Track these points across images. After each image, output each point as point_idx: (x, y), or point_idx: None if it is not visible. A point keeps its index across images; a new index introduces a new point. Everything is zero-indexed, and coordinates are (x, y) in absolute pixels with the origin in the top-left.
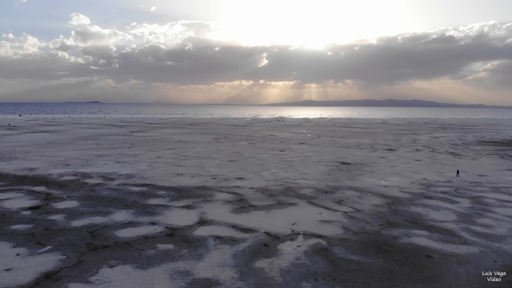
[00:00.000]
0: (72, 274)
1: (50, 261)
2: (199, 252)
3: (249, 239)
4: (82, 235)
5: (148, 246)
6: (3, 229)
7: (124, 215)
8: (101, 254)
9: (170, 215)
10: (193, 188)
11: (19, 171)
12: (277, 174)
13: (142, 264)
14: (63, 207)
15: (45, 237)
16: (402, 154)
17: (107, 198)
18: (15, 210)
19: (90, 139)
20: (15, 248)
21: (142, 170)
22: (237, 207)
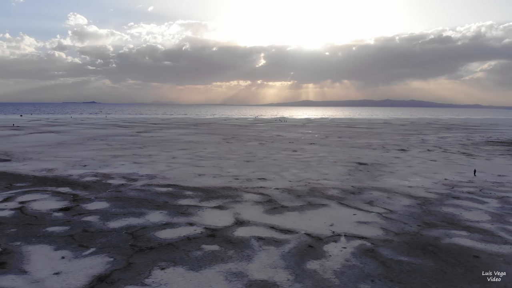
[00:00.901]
0: (125, 276)
1: (98, 263)
2: (246, 253)
3: (292, 240)
4: (123, 236)
5: (193, 247)
6: (39, 231)
7: (159, 216)
8: (148, 256)
9: (204, 216)
10: (219, 189)
11: (37, 171)
12: (298, 175)
13: (193, 265)
14: (94, 208)
15: (85, 239)
16: (416, 155)
17: (136, 199)
18: (46, 212)
19: (99, 139)
20: (57, 251)
21: (161, 171)
22: (269, 208)
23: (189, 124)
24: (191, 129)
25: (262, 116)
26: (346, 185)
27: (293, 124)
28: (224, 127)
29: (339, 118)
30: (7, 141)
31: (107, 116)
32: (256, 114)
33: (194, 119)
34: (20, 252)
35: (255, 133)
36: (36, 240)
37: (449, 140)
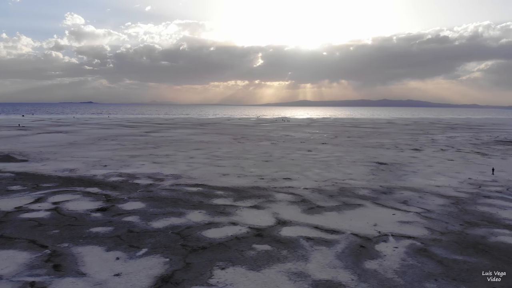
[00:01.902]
0: (188, 277)
1: (156, 264)
2: (300, 253)
3: (341, 241)
4: (171, 236)
5: (245, 247)
6: (83, 232)
7: (200, 216)
8: (203, 256)
9: (244, 216)
10: (248, 189)
11: (59, 172)
12: (321, 175)
13: (252, 265)
14: (131, 209)
15: (133, 239)
16: (431, 154)
17: (170, 199)
18: (83, 212)
19: (110, 139)
20: (109, 252)
21: (184, 171)
22: (305, 208)
23: (194, 124)
24: (198, 129)
25: (264, 116)
26: (374, 185)
27: (298, 124)
28: (230, 127)
29: (341, 118)
30: (18, 141)
31: (110, 116)
32: (257, 114)
33: (197, 119)
34: (71, 253)
35: (263, 133)
36: (83, 241)
37: (459, 139)
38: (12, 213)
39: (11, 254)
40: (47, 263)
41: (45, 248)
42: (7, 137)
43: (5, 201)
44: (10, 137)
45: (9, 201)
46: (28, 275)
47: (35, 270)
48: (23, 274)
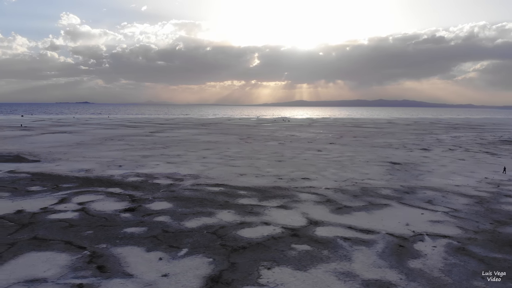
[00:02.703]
0: (237, 277)
1: (201, 264)
2: (342, 253)
3: (378, 240)
4: (207, 236)
5: (284, 247)
6: (118, 232)
7: (230, 215)
8: (246, 256)
9: (274, 215)
10: (270, 188)
11: (75, 172)
12: (339, 175)
13: (297, 265)
14: (159, 208)
15: (171, 239)
16: (441, 154)
17: (195, 199)
18: (112, 213)
19: (116, 139)
20: (150, 252)
21: (201, 171)
22: (333, 207)
23: (196, 124)
24: (201, 129)
25: (263, 116)
26: (395, 184)
27: (299, 124)
28: (233, 127)
29: (341, 118)
30: (24, 142)
31: (110, 117)
32: (257, 114)
33: (198, 120)
34: (112, 254)
35: (267, 133)
36: (121, 242)
37: (464, 139)
38: (39, 214)
39: (50, 256)
40: (90, 265)
41: (83, 249)
42: (12, 137)
43: (28, 202)
44: (15, 138)
45: (32, 202)
46: (74, 277)
47: (79, 271)
48: (68, 276)
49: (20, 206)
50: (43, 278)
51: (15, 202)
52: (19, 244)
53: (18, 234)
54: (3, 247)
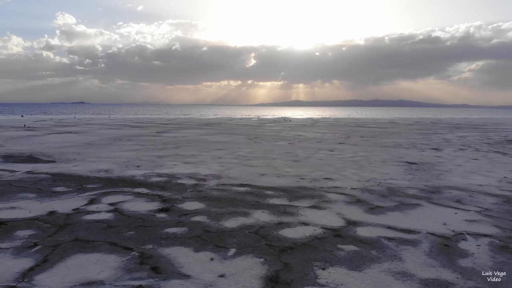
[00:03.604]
0: (294, 277)
1: (254, 264)
2: (390, 253)
3: (422, 240)
4: (250, 236)
5: (331, 247)
6: (159, 233)
7: (265, 216)
8: (295, 256)
9: (310, 216)
10: (296, 189)
11: (95, 172)
12: (359, 175)
13: (350, 265)
14: (193, 208)
15: (215, 239)
16: (453, 154)
17: (225, 199)
18: (147, 213)
19: (125, 140)
20: (199, 252)
21: (220, 171)
22: (366, 208)
23: (200, 124)
24: (206, 129)
25: (263, 116)
26: (418, 184)
27: (302, 124)
28: (237, 127)
29: (342, 118)
30: (32, 142)
31: (110, 117)
32: (257, 114)
33: (199, 120)
34: (161, 255)
35: (273, 133)
36: (166, 243)
37: (470, 139)
38: (73, 215)
39: (99, 257)
40: (143, 266)
41: (130, 250)
42: (19, 138)
43: (58, 203)
44: (22, 138)
45: (61, 203)
46: (130, 278)
47: (134, 273)
48: (125, 278)
49: (51, 207)
50: (99, 281)
51: (44, 203)
52: (63, 246)
53: (58, 236)
54: (47, 250)
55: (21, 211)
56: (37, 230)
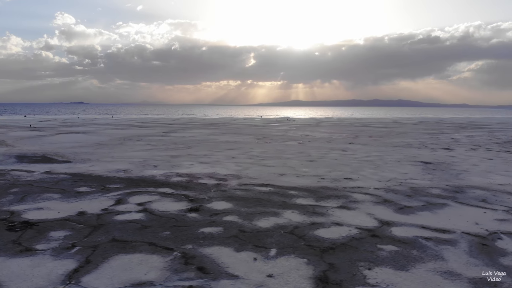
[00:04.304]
0: (343, 277)
1: (298, 264)
2: (432, 253)
3: (459, 239)
4: (287, 236)
5: (370, 247)
6: (195, 232)
7: (296, 216)
8: (338, 256)
9: (341, 216)
10: (319, 188)
11: (113, 172)
12: (379, 174)
13: (395, 265)
14: (221, 208)
15: (253, 239)
16: (466, 153)
17: (251, 199)
18: (178, 213)
19: (134, 140)
20: (240, 252)
21: (238, 170)
22: (395, 208)
23: (205, 124)
24: (212, 129)
25: (266, 116)
26: (440, 184)
27: (306, 124)
28: (242, 127)
29: (345, 118)
30: (42, 142)
31: (114, 117)
32: (259, 114)
33: (203, 120)
34: (204, 255)
35: (280, 132)
36: (205, 243)
37: (478, 139)
38: (104, 215)
39: (141, 258)
40: (189, 266)
41: (171, 250)
42: (28, 138)
43: (85, 204)
44: (31, 138)
45: (88, 203)
46: (179, 279)
47: (181, 273)
48: (174, 279)
49: (79, 207)
50: (149, 281)
51: (71, 203)
52: (102, 247)
53: (95, 237)
54: (87, 251)
55: (49, 211)
56: (71, 231)
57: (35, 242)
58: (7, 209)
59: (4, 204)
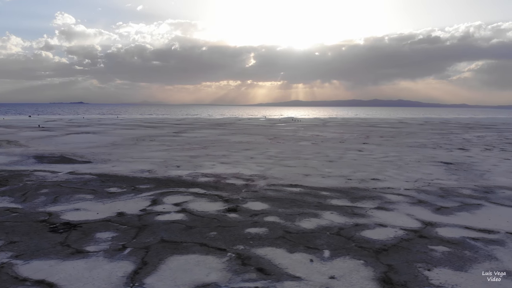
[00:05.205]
0: (406, 279)
1: (356, 266)
2: (484, 253)
3: (506, 240)
4: (335, 238)
5: (422, 248)
6: (241, 233)
7: (337, 217)
8: (394, 257)
9: (382, 217)
10: (349, 189)
11: (138, 173)
12: (403, 175)
13: (453, 266)
14: (259, 209)
15: (301, 240)
16: (483, 153)
17: (285, 199)
18: (217, 213)
19: (147, 140)
20: (294, 253)
21: (261, 171)
22: (432, 208)
23: (212, 124)
24: (221, 129)
25: (270, 116)
26: (468, 184)
27: (313, 124)
28: (250, 127)
29: (350, 118)
30: (56, 142)
31: (118, 117)
32: (263, 114)
33: (209, 120)
34: (258, 256)
35: (289, 133)
36: (255, 243)
37: (489, 139)
38: (144, 216)
39: (197, 259)
40: (247, 267)
41: (224, 251)
42: (39, 138)
43: (121, 204)
44: (43, 138)
45: (124, 203)
46: (242, 280)
47: (243, 275)
48: (237, 280)
49: (116, 208)
50: (213, 283)
51: (106, 204)
52: (154, 248)
53: (143, 238)
54: (140, 252)
55: (87, 212)
56: (116, 232)
57: (84, 244)
58: (44, 210)
59: (39, 205)
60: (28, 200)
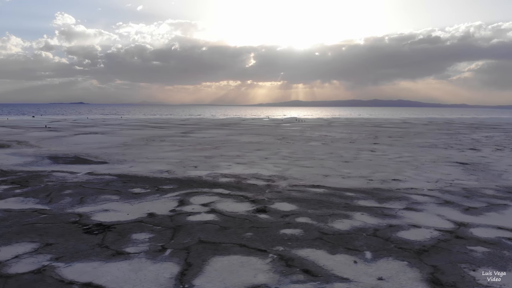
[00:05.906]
0: (453, 279)
1: (401, 267)
2: None
3: None
4: (372, 239)
5: (461, 248)
6: (277, 234)
7: (368, 218)
8: (435, 258)
9: (413, 218)
10: (373, 190)
11: (157, 173)
12: (423, 175)
13: (496, 266)
14: (287, 210)
15: (339, 241)
16: (495, 154)
17: (312, 200)
18: (247, 214)
19: (157, 140)
20: (336, 255)
21: (279, 171)
22: (460, 209)
23: (218, 124)
24: (227, 129)
25: (272, 116)
26: (489, 184)
27: (317, 124)
28: (255, 127)
29: (354, 118)
30: (67, 143)
31: (122, 117)
32: (266, 114)
33: (213, 120)
34: (300, 257)
35: (296, 133)
36: (294, 244)
37: (498, 139)
38: (175, 216)
39: (240, 260)
40: (293, 268)
41: (265, 252)
42: (49, 138)
43: (149, 205)
44: (52, 138)
45: (152, 204)
46: (291, 282)
47: (290, 276)
48: (286, 282)
49: (145, 209)
50: (263, 284)
51: (134, 205)
52: (194, 248)
53: (180, 239)
54: (181, 253)
55: (117, 213)
56: (152, 233)
57: (123, 245)
58: (72, 211)
59: (66, 206)
60: (54, 201)
